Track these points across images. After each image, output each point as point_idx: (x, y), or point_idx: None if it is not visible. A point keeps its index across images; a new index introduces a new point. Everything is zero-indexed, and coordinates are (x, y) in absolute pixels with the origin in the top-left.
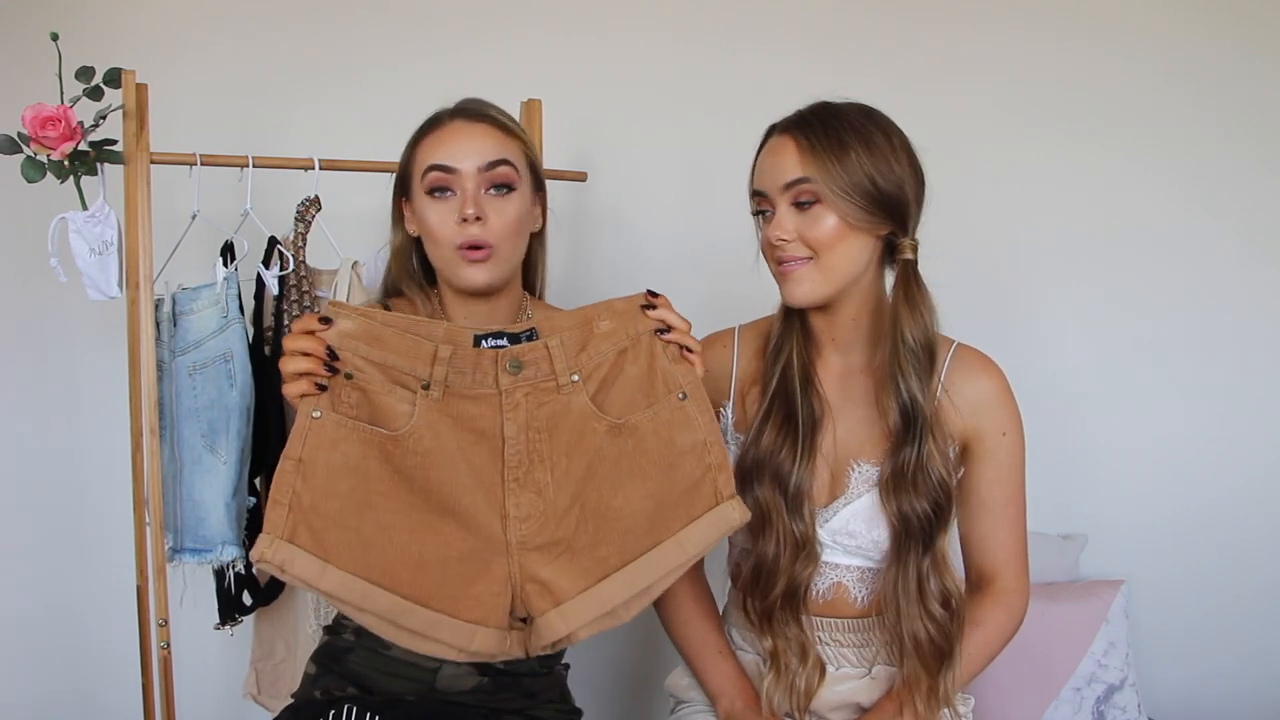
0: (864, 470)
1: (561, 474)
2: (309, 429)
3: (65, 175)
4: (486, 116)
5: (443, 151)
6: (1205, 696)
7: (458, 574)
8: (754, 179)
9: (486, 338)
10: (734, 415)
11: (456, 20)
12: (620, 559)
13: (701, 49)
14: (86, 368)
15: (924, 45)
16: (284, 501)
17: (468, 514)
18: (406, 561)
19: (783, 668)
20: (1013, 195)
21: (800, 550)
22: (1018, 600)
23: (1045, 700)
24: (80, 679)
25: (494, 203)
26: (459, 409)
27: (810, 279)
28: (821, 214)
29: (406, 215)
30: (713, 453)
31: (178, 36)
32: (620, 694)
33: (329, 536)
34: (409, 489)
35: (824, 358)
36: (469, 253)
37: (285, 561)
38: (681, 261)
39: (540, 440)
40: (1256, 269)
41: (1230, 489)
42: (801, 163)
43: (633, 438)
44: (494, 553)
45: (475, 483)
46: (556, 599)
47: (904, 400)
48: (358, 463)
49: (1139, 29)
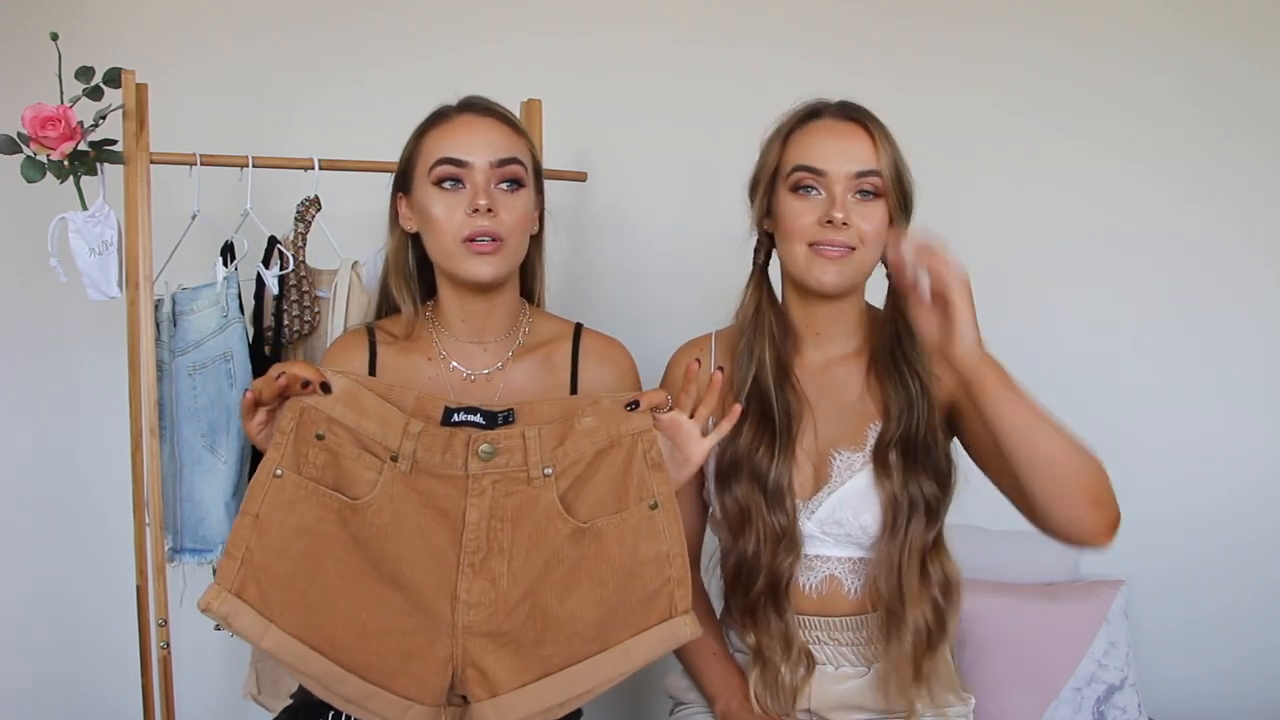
0: (845, 458)
1: (518, 567)
2: (268, 487)
3: (65, 175)
4: (495, 112)
5: (452, 144)
6: (1205, 696)
7: (399, 648)
8: (802, 153)
9: (460, 411)
10: (714, 418)
11: (457, 20)
12: (564, 660)
13: (702, 49)
14: (86, 368)
15: (925, 44)
16: (237, 555)
17: (417, 590)
18: (350, 629)
19: (767, 662)
20: (1012, 194)
21: (780, 542)
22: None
23: (1045, 700)
24: (80, 679)
25: (503, 197)
26: (425, 485)
27: (851, 266)
28: (879, 207)
29: (403, 211)
30: (674, 565)
31: (178, 36)
32: (620, 694)
33: (275, 596)
34: (362, 557)
35: (801, 352)
36: (476, 245)
37: (230, 615)
38: (681, 261)
39: (502, 530)
40: (1257, 269)
41: (1230, 489)
42: (876, 154)
43: (595, 542)
44: (439, 632)
45: (430, 561)
46: (493, 690)
47: (908, 382)
48: (312, 526)
49: (1140, 28)
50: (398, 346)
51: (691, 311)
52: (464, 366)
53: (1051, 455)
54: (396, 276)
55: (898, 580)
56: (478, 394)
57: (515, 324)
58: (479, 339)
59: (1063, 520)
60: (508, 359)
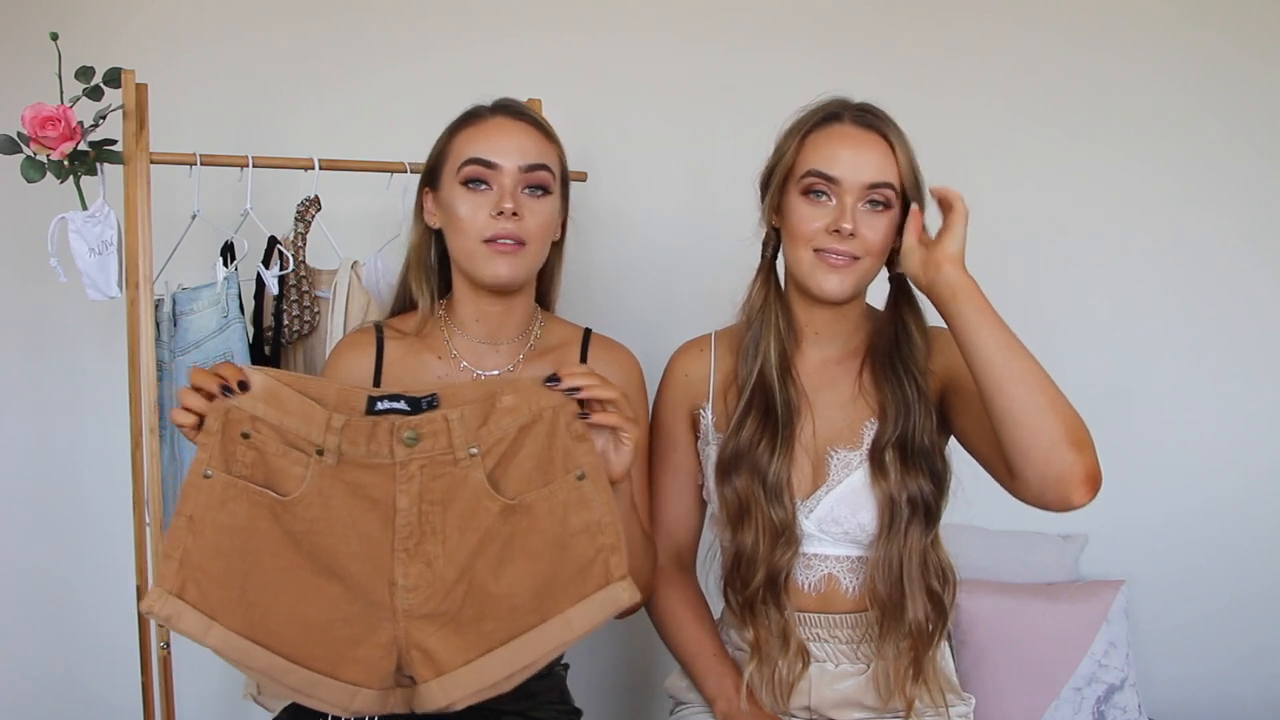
0: (842, 456)
1: (453, 547)
2: (200, 487)
3: (65, 175)
4: (528, 116)
5: (483, 145)
6: (1205, 696)
7: (342, 636)
8: (815, 159)
9: (383, 399)
10: (714, 416)
11: (457, 20)
12: (505, 635)
13: (702, 48)
14: (86, 368)
15: (925, 44)
16: (175, 556)
17: (354, 580)
18: (291, 621)
19: (764, 657)
20: (1012, 194)
21: (779, 536)
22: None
23: (1045, 700)
24: (80, 679)
25: (529, 203)
26: (353, 476)
27: (853, 275)
28: (887, 219)
29: (428, 207)
30: (606, 534)
31: (177, 36)
32: (620, 694)
33: (214, 594)
34: (296, 550)
35: (801, 350)
36: (498, 245)
37: (172, 616)
38: (682, 261)
39: (433, 512)
40: (1257, 270)
41: (1230, 489)
42: (896, 169)
43: (526, 517)
44: (380, 618)
45: (364, 550)
46: (439, 669)
47: (905, 385)
48: (245, 523)
49: (1140, 28)
50: (407, 344)
51: (691, 310)
52: (474, 366)
53: (1026, 375)
54: (417, 270)
55: (896, 580)
56: None
57: (528, 327)
58: (491, 340)
59: (1040, 462)
60: (519, 361)
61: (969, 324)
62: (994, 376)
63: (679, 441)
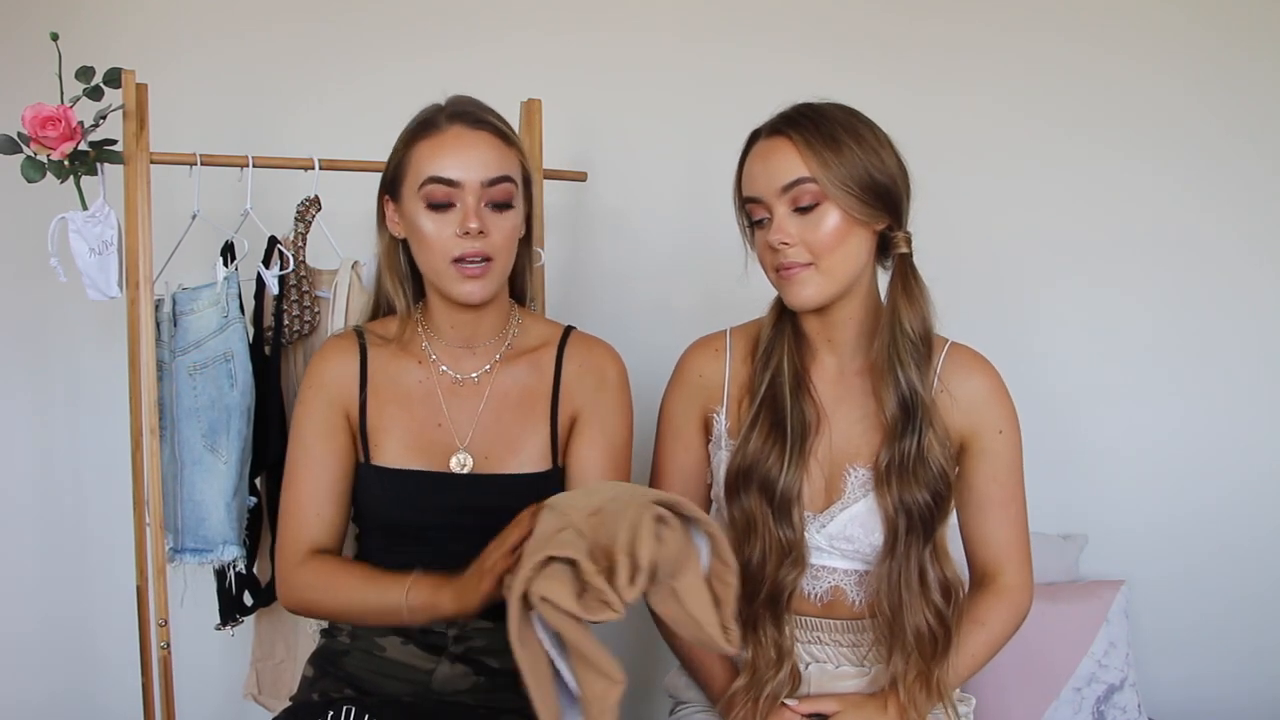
0: (860, 474)
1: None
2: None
3: (65, 175)
4: (486, 123)
5: (443, 162)
6: (1205, 696)
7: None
8: (745, 186)
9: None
10: (728, 421)
11: (457, 20)
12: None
13: (702, 48)
14: (86, 368)
15: (925, 44)
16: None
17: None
18: None
19: (756, 672)
20: (1012, 194)
21: (786, 556)
22: (1021, 597)
23: (1045, 700)
24: (80, 679)
25: (493, 218)
26: None
27: (814, 281)
28: (824, 215)
29: (390, 215)
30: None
31: (178, 36)
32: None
33: None
34: None
35: (819, 361)
36: (466, 267)
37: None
38: (681, 262)
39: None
40: (1257, 270)
41: (1230, 489)
42: (803, 161)
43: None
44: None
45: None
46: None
47: (903, 390)
48: None
49: (1140, 28)
50: (389, 350)
51: (690, 311)
52: (452, 370)
53: (975, 670)
54: (391, 277)
55: (899, 593)
56: (466, 397)
57: (504, 328)
58: (467, 345)
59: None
60: (495, 361)
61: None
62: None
63: (690, 443)
